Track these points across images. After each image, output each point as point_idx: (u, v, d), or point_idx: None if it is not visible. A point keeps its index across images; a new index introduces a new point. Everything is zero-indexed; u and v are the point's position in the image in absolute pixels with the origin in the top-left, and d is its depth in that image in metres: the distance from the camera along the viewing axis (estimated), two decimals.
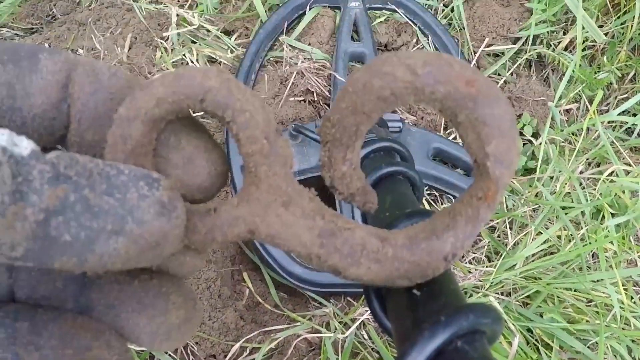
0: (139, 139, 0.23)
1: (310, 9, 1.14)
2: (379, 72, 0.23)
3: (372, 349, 0.90)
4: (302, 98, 1.07)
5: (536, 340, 0.92)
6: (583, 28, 1.16)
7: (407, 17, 1.16)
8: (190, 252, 0.27)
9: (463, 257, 1.01)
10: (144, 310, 0.25)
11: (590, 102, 1.16)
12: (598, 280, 0.95)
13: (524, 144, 1.12)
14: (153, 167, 0.25)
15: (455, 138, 1.07)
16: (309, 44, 1.12)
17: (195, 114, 0.96)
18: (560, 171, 1.05)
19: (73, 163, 0.19)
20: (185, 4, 1.21)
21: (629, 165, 1.08)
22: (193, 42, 1.13)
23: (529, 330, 0.94)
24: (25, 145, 0.19)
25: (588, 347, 0.90)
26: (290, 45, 1.11)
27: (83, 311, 0.25)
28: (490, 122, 0.23)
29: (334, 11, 1.17)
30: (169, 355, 0.87)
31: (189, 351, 0.88)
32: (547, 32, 1.23)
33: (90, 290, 0.25)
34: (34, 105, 0.23)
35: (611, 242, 1.00)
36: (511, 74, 1.21)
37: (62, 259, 0.19)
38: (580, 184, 1.04)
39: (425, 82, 0.22)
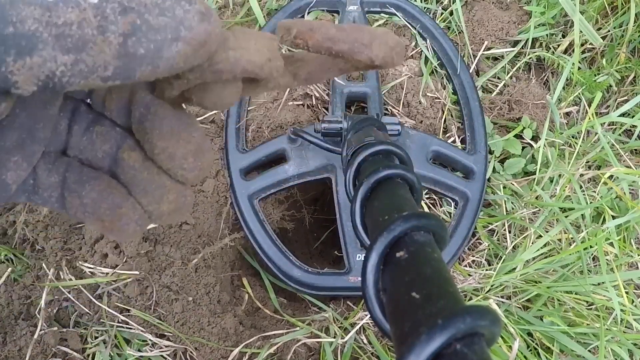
0: None
1: (308, 13, 1.14)
2: None
3: (372, 353, 0.90)
4: (300, 102, 1.07)
5: (536, 344, 0.92)
6: (580, 32, 1.16)
7: (405, 21, 1.16)
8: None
9: (462, 260, 1.01)
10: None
11: (590, 104, 1.16)
12: (599, 284, 0.95)
13: (523, 147, 1.11)
14: None
15: (454, 141, 1.07)
16: None
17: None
18: (560, 175, 1.05)
19: None
20: None
21: (629, 167, 1.08)
22: None
23: (529, 334, 0.93)
24: None
25: (589, 350, 0.90)
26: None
27: (114, 177, 0.34)
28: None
29: (332, 15, 1.17)
30: None
31: (187, 356, 0.88)
32: (547, 35, 1.23)
33: (119, 164, 0.33)
34: None
35: (612, 245, 1.00)
36: (510, 77, 1.21)
37: (141, 68, 0.25)
38: (581, 186, 1.04)
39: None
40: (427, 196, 1.04)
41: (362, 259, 0.80)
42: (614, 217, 1.02)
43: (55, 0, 0.23)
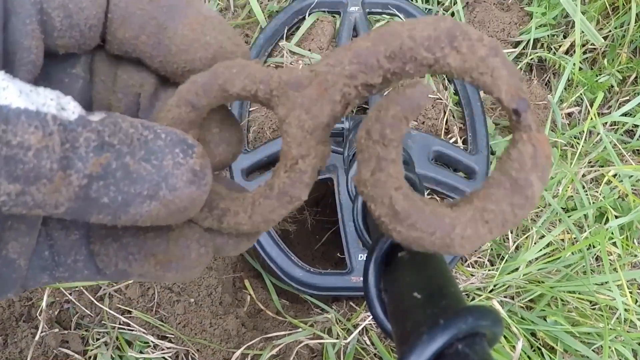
0: (192, 119, 0.26)
1: (309, 14, 1.14)
2: None
3: (375, 354, 0.90)
4: None
5: (540, 343, 0.92)
6: (582, 32, 1.16)
7: None
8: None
9: (465, 260, 1.00)
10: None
11: (592, 105, 1.16)
12: (602, 283, 0.95)
13: None
14: (197, 132, 0.27)
15: (456, 142, 1.07)
16: (309, 50, 1.12)
17: None
18: (564, 174, 1.04)
19: (117, 130, 0.21)
20: None
21: (632, 167, 1.08)
22: None
23: (533, 333, 0.93)
24: (72, 110, 0.20)
25: (593, 350, 0.89)
26: (290, 51, 1.12)
27: None
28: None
29: (334, 16, 1.17)
30: None
31: (189, 358, 0.88)
32: (548, 35, 1.23)
33: None
34: (88, 17, 0.26)
35: (615, 244, 0.99)
36: None
37: (99, 216, 0.21)
38: (583, 186, 1.04)
39: None
40: (429, 196, 1.03)
41: (364, 259, 0.80)
42: (617, 217, 1.02)
43: (18, 110, 0.18)
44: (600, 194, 1.06)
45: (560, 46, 1.23)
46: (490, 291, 0.94)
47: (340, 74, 0.25)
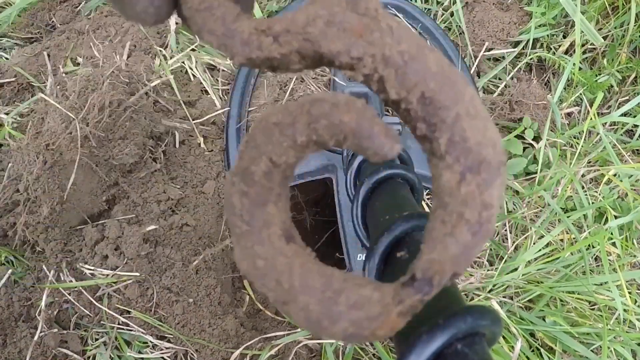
0: None
1: None
2: None
3: (374, 355, 0.90)
4: None
5: (539, 344, 0.91)
6: (581, 32, 1.16)
7: (406, 22, 1.16)
8: None
9: None
10: None
11: (592, 105, 1.16)
12: (601, 283, 0.95)
13: (524, 148, 1.11)
14: None
15: None
16: None
17: None
18: (563, 174, 1.04)
19: None
20: None
21: (631, 167, 1.08)
22: (192, 49, 1.13)
23: (532, 334, 0.93)
24: None
25: (592, 350, 0.89)
26: None
27: None
28: None
29: None
30: None
31: (188, 358, 0.88)
32: (547, 35, 1.23)
33: None
34: None
35: (614, 245, 0.99)
36: (511, 78, 1.21)
37: None
38: (583, 187, 1.04)
39: None
40: (428, 196, 1.03)
41: (363, 259, 0.80)
42: (616, 217, 1.02)
43: None
44: (599, 194, 1.06)
45: (559, 46, 1.23)
46: (489, 291, 0.94)
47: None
